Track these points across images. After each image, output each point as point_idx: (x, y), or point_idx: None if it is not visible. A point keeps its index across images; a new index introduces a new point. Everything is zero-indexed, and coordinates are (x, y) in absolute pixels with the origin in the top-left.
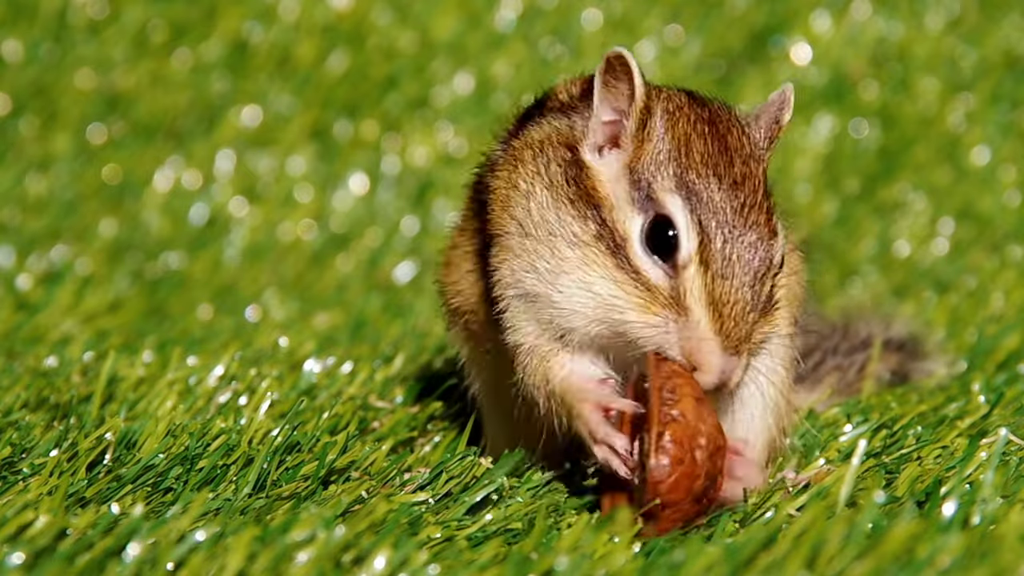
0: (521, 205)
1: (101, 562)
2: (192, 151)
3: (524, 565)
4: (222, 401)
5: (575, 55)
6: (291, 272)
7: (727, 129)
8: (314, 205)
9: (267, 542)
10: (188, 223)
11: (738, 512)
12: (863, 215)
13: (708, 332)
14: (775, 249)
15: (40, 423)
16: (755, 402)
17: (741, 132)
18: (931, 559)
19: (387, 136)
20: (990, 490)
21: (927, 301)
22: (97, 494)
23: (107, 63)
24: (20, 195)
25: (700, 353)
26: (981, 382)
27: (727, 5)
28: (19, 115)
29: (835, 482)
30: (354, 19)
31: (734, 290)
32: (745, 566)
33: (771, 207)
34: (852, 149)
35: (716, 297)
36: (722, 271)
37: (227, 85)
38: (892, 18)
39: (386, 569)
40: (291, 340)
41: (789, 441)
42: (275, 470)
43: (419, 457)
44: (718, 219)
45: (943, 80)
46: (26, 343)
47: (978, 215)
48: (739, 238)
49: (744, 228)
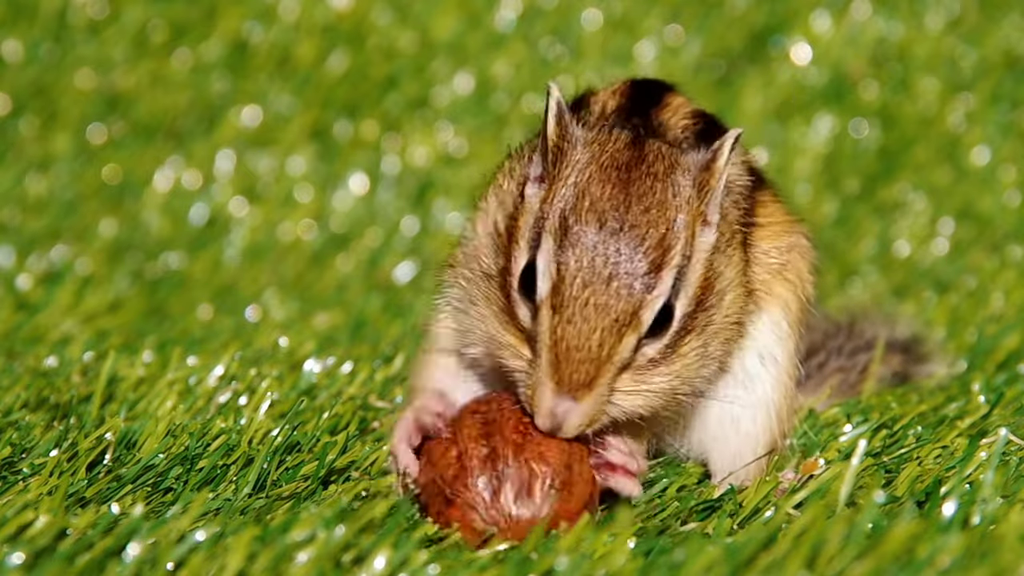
0: (481, 216)
1: (101, 562)
2: (192, 151)
3: (524, 565)
4: (222, 401)
5: (575, 55)
6: (291, 272)
7: (641, 175)
8: (314, 205)
9: (267, 542)
10: (188, 223)
11: (738, 512)
12: (863, 215)
13: (544, 375)
14: (647, 303)
15: (40, 423)
16: (760, 397)
17: (657, 179)
18: (931, 559)
19: (387, 136)
20: (990, 490)
21: (927, 301)
22: (97, 494)
23: (107, 63)
24: (20, 195)
25: (535, 395)
26: (981, 382)
27: (727, 5)
28: (19, 115)
29: (835, 482)
30: (354, 19)
31: (580, 335)
32: (745, 566)
33: (665, 259)
34: (852, 149)
35: (558, 341)
36: (570, 316)
37: (227, 85)
38: (892, 18)
39: (386, 569)
40: (291, 340)
41: (789, 442)
42: (275, 470)
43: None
44: (582, 264)
45: (943, 80)
46: (26, 343)
47: (978, 215)
48: (601, 285)
49: (611, 277)
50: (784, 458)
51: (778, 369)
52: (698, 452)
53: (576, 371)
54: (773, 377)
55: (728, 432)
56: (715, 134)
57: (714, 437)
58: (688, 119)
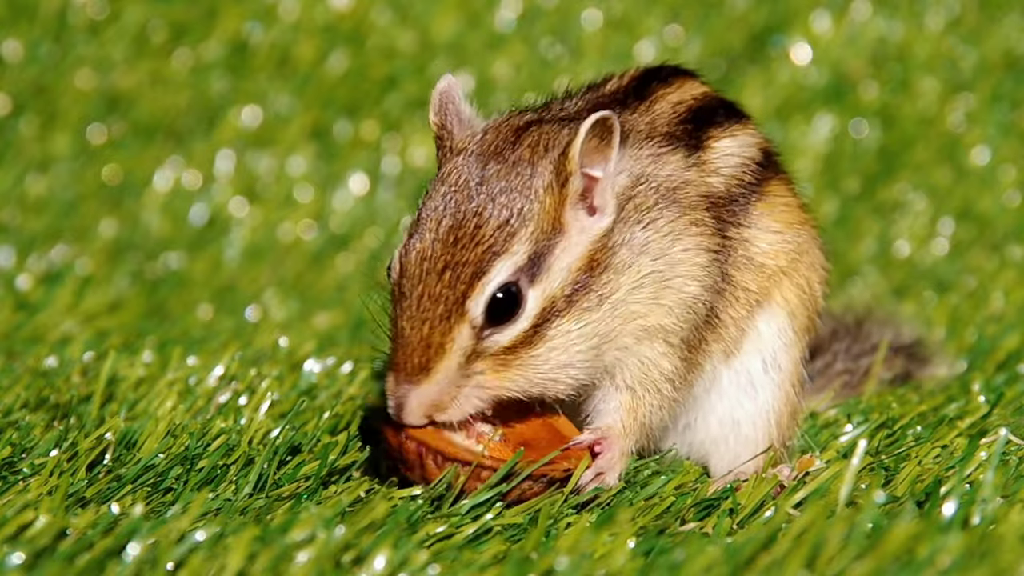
0: None
1: (101, 562)
2: (192, 151)
3: (524, 565)
4: (222, 401)
5: (575, 55)
6: (291, 272)
7: (502, 163)
8: (314, 205)
9: (267, 542)
10: (188, 223)
11: (737, 511)
12: (863, 215)
13: (389, 363)
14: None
15: (40, 423)
16: (762, 403)
17: (515, 166)
18: (931, 559)
19: (387, 136)
20: (990, 490)
21: (927, 301)
22: (97, 494)
23: (107, 63)
24: (20, 195)
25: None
26: (981, 382)
27: (727, 5)
28: (19, 115)
29: (835, 482)
30: (354, 19)
31: (413, 325)
32: (745, 566)
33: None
34: (852, 149)
35: (399, 331)
36: (407, 306)
37: (227, 85)
38: (892, 18)
39: (386, 569)
40: (291, 340)
41: (792, 443)
42: (275, 470)
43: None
44: (423, 256)
45: (943, 80)
46: (26, 343)
47: (978, 215)
48: (435, 276)
49: (444, 267)
50: (781, 459)
51: (781, 376)
52: (699, 454)
53: (411, 359)
54: (776, 384)
55: (728, 435)
56: (719, 116)
57: (714, 440)
58: (693, 100)
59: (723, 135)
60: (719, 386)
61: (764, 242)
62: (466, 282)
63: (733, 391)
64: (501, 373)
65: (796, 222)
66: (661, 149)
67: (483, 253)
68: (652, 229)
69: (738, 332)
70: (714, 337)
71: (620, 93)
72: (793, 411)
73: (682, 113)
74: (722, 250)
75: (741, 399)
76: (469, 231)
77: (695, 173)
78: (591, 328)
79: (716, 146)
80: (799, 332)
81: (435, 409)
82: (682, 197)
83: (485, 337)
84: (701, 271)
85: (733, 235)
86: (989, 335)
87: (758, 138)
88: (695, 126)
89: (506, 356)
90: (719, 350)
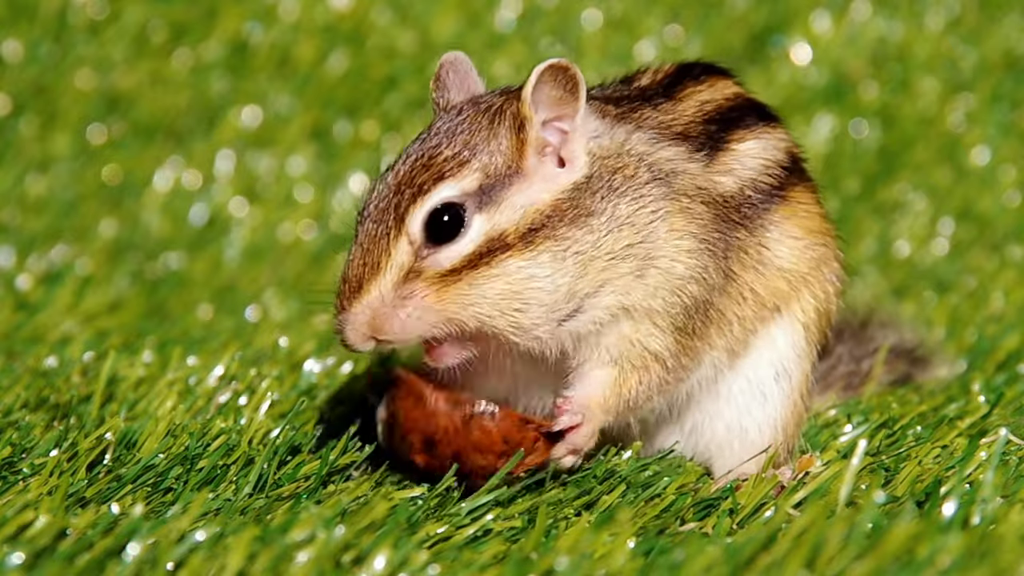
0: None
1: (101, 562)
2: (192, 151)
3: (524, 565)
4: (222, 401)
5: (575, 55)
6: (291, 272)
7: (461, 113)
8: (314, 205)
9: (267, 542)
10: (188, 223)
11: (737, 511)
12: (863, 215)
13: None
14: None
15: (40, 423)
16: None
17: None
18: (931, 559)
19: (387, 136)
20: (990, 490)
21: (927, 301)
22: (97, 494)
23: (107, 63)
24: (20, 195)
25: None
26: (981, 382)
27: (727, 5)
28: (19, 115)
29: (835, 482)
30: (354, 19)
31: (355, 252)
32: (745, 566)
33: (449, 173)
34: (852, 149)
35: (345, 264)
36: (356, 241)
37: (227, 85)
38: (892, 18)
39: (386, 569)
40: (291, 340)
41: (795, 448)
42: (275, 470)
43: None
44: (370, 199)
45: (943, 80)
46: (26, 343)
47: (978, 215)
48: (381, 204)
49: (389, 196)
50: (783, 461)
51: (791, 387)
52: (704, 456)
53: (344, 293)
54: (786, 394)
55: (734, 440)
56: (746, 117)
57: (720, 444)
58: (724, 100)
59: (748, 136)
60: (729, 392)
61: (782, 247)
62: (409, 200)
63: (743, 398)
64: (441, 293)
65: (817, 230)
66: (664, 138)
67: (430, 176)
68: (639, 204)
69: (743, 332)
70: (716, 331)
71: (650, 88)
72: (799, 420)
73: (708, 112)
74: (718, 245)
75: (750, 406)
76: (424, 162)
77: (699, 167)
78: (548, 275)
79: (738, 147)
80: (812, 344)
81: (375, 330)
82: (678, 184)
83: (426, 256)
84: (688, 256)
85: (742, 236)
86: (989, 335)
87: (786, 142)
88: (719, 126)
89: (448, 277)
90: (722, 346)
